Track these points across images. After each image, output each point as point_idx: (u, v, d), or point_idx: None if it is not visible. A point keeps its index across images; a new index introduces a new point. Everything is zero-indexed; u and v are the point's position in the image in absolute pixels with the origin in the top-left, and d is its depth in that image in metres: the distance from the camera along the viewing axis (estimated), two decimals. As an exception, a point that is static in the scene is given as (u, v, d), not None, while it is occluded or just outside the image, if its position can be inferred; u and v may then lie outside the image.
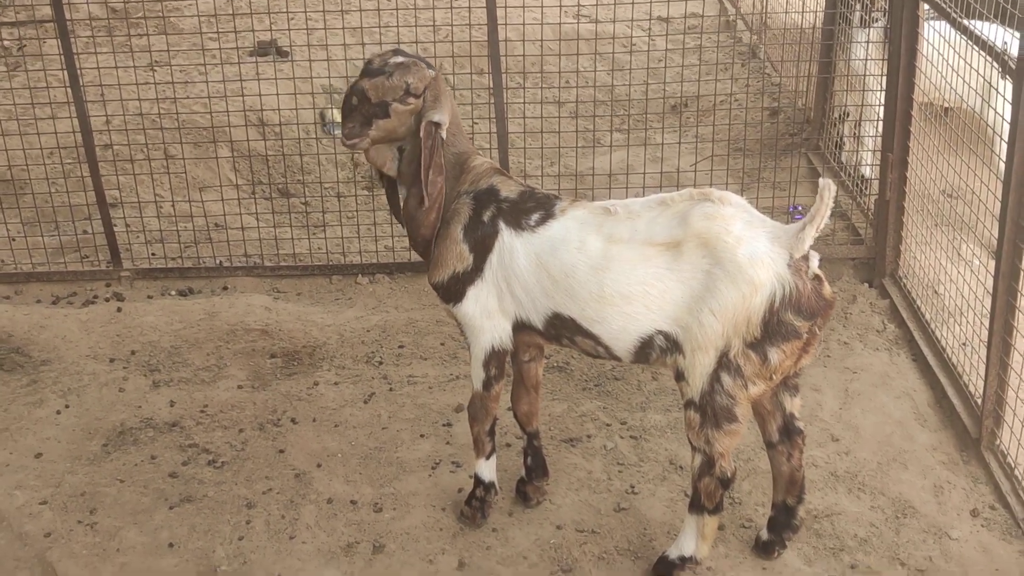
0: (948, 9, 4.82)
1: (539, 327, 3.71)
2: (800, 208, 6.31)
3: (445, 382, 4.91)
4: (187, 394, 4.83)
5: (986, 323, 4.67)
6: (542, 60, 6.57)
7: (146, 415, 4.69)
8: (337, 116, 7.44)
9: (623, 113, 7.73)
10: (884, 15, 5.93)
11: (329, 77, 7.29)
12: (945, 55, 5.10)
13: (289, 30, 6.86)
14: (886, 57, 5.64)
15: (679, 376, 3.54)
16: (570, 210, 3.65)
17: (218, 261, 5.74)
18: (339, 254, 5.84)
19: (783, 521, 3.90)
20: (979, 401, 4.50)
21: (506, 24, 5.89)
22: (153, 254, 5.85)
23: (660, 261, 3.46)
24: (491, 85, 5.64)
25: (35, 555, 3.96)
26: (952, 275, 5.18)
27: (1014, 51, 4.19)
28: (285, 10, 7.69)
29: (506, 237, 3.66)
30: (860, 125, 6.37)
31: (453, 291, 3.76)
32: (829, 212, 3.35)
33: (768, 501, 4.08)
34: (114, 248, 5.66)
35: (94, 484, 4.31)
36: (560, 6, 6.36)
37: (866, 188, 6.33)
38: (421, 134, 3.62)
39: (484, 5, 5.44)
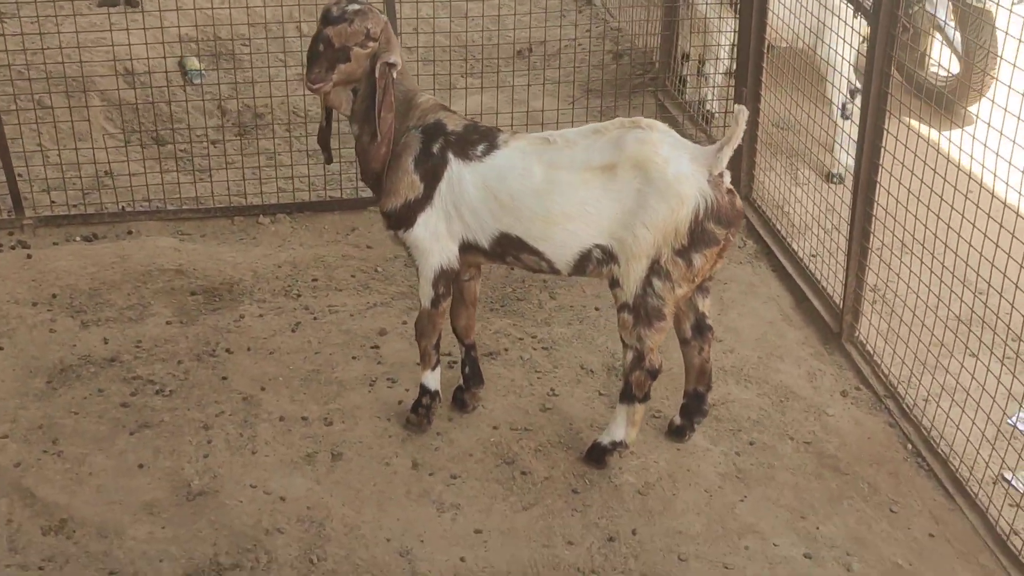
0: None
1: (485, 247, 4.14)
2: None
3: (364, 310, 5.28)
4: (118, 331, 5.03)
5: (828, 237, 5.40)
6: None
7: (83, 352, 4.88)
8: (195, 64, 7.62)
9: (471, 58, 8.14)
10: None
11: (180, 27, 7.40)
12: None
13: None
14: (734, 1, 6.29)
15: (614, 284, 4.05)
16: (512, 141, 4.09)
17: (120, 206, 5.90)
18: (239, 196, 6.07)
19: (694, 407, 4.48)
20: (837, 301, 5.21)
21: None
22: (53, 201, 5.95)
23: (597, 183, 3.95)
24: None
25: (10, 483, 4.15)
26: (796, 197, 5.89)
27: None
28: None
29: (454, 167, 4.07)
30: (705, 64, 7.02)
31: (404, 217, 4.14)
32: (741, 134, 3.90)
33: (672, 396, 4.67)
34: (15, 196, 5.73)
35: (50, 417, 4.50)
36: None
37: (711, 121, 6.99)
38: (376, 75, 3.97)
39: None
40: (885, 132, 4.76)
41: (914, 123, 5.08)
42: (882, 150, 4.75)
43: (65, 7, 6.81)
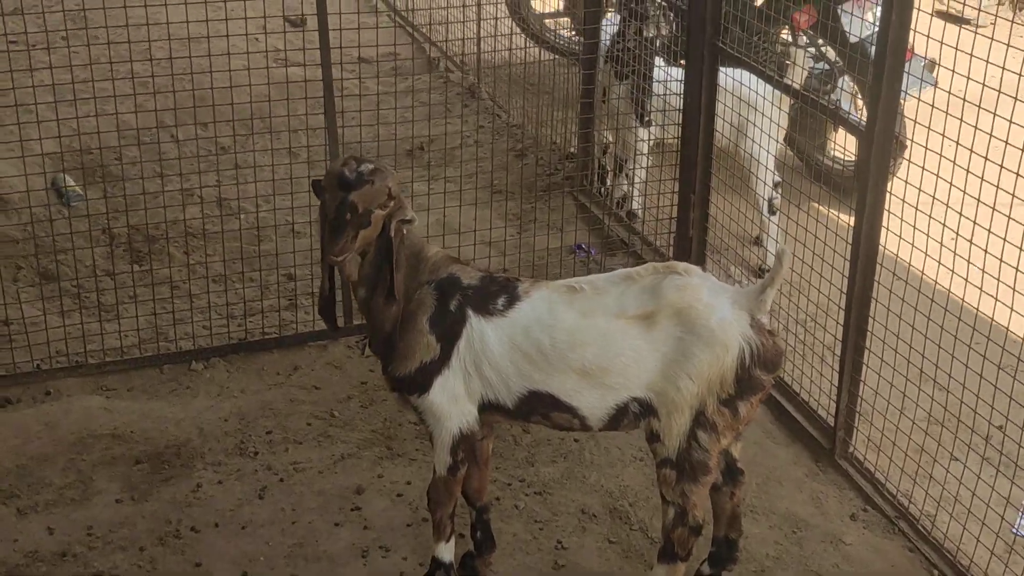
0: (746, 61, 5.37)
1: (509, 406, 3.80)
2: (584, 246, 6.70)
3: (332, 464, 4.83)
4: (63, 516, 4.44)
5: (793, 336, 5.28)
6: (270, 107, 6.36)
7: (28, 548, 4.27)
8: (70, 181, 6.99)
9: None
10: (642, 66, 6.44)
11: (50, 138, 6.76)
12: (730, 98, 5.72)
13: None
14: (682, 101, 6.17)
15: (653, 438, 3.77)
16: (533, 291, 3.78)
17: (36, 364, 5.26)
18: (167, 341, 5.52)
19: (725, 555, 4.22)
20: (822, 413, 5.07)
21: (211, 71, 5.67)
22: (-48, 365, 5.28)
23: (635, 332, 3.67)
24: (327, 141, 5.56)
25: None
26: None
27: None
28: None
29: (475, 323, 3.73)
30: (626, 161, 6.85)
31: (419, 382, 3.77)
32: (784, 274, 3.70)
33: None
34: (-90, 364, 5.06)
35: (6, 637, 3.90)
36: (266, 52, 6.23)
37: (634, 223, 6.83)
38: (392, 234, 3.61)
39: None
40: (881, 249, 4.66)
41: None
42: (878, 267, 4.64)
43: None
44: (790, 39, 6.98)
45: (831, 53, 6.95)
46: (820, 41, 6.99)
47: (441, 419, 3.81)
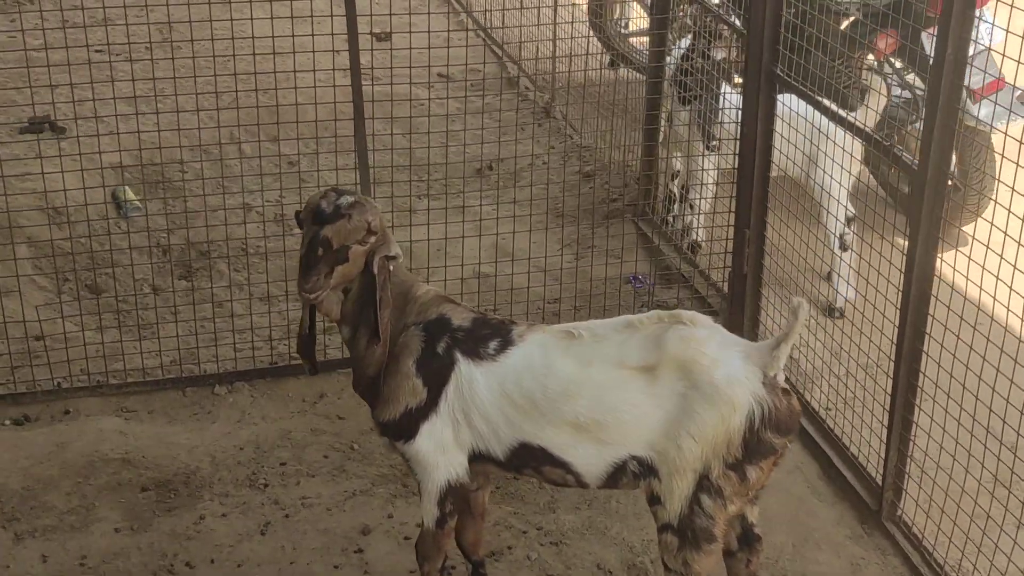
0: (804, 89, 5.01)
1: (500, 458, 3.55)
2: (640, 277, 6.39)
3: (342, 501, 4.62)
4: (59, 545, 4.32)
5: (843, 384, 4.89)
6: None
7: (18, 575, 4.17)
8: (130, 195, 6.96)
9: (428, 179, 7.55)
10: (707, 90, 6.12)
11: (106, 151, 6.74)
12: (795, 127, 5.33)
13: (55, 103, 6.25)
14: (720, 136, 5.84)
15: (654, 500, 3.47)
16: (528, 335, 3.52)
17: (56, 383, 5.18)
18: (192, 364, 5.39)
19: (740, 626, 3.89)
20: (871, 472, 4.68)
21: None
22: (-27, 379, 5.23)
23: (635, 385, 3.39)
24: (357, 164, 5.39)
25: None
26: (800, 339, 5.36)
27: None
28: (67, 83, 7.07)
29: (463, 367, 3.48)
30: (689, 191, 6.53)
31: (405, 428, 3.54)
32: (800, 330, 3.38)
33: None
34: (-69, 375, 5.02)
35: (-21, 671, 3.78)
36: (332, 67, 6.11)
37: (697, 252, 6.49)
38: (375, 271, 3.39)
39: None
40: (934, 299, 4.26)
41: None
42: (929, 319, 4.25)
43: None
44: (871, 65, 6.55)
45: (914, 80, 6.52)
46: (900, 66, 6.56)
47: (428, 468, 3.57)
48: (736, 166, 5.55)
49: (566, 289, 6.09)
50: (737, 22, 5.91)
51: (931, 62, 4.00)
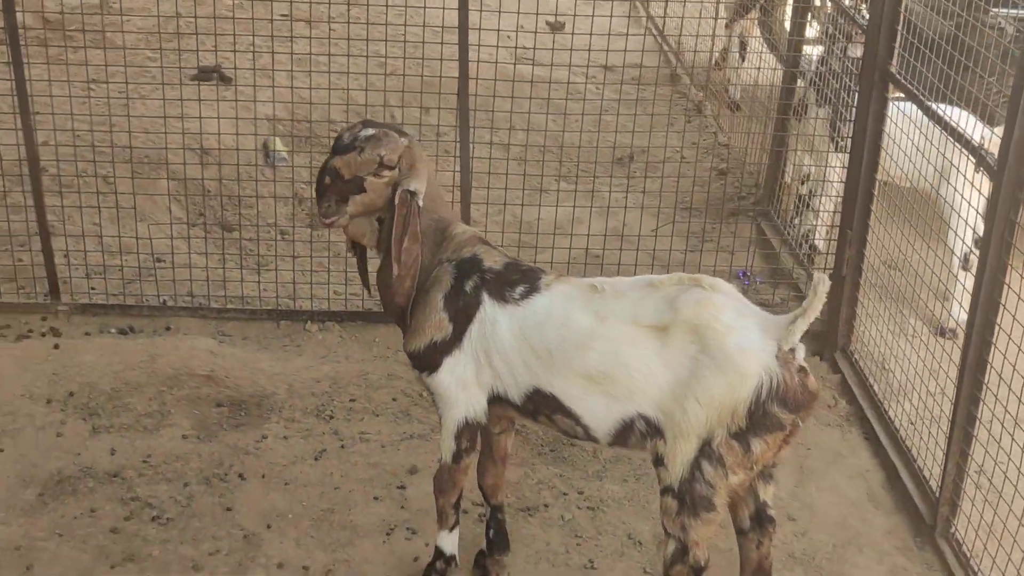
0: (916, 92, 4.87)
1: (516, 402, 3.62)
2: (748, 272, 6.33)
3: (398, 441, 4.78)
4: (129, 442, 4.63)
5: (935, 401, 4.72)
6: (500, 103, 6.42)
7: (85, 463, 4.48)
8: (279, 145, 7.32)
9: (568, 161, 7.66)
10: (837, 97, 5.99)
11: (274, 104, 7.12)
12: (910, 135, 5.16)
13: (235, 52, 6.64)
14: (850, 135, 5.70)
15: (658, 462, 3.48)
16: (555, 284, 3.59)
17: (161, 300, 5.54)
18: (288, 299, 5.66)
19: (747, 609, 3.85)
20: (933, 485, 4.53)
21: (479, 59, 5.73)
22: (93, 288, 5.61)
23: (646, 343, 3.41)
24: (458, 138, 5.55)
25: (-33, 614, 3.75)
26: (900, 351, 5.22)
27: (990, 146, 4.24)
28: (232, 32, 7.49)
29: (488, 308, 3.58)
30: (812, 197, 6.42)
31: (429, 360, 3.66)
32: (820, 306, 3.33)
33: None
34: (53, 280, 5.42)
35: (30, 538, 4.09)
36: (515, 47, 6.24)
37: (814, 258, 6.37)
38: (396, 202, 3.53)
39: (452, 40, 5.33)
40: (1006, 288, 4.11)
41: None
42: (1001, 307, 4.09)
43: (155, 77, 6.58)
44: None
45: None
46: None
47: (449, 403, 3.68)
48: (846, 164, 5.44)
49: (670, 277, 6.06)
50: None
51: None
